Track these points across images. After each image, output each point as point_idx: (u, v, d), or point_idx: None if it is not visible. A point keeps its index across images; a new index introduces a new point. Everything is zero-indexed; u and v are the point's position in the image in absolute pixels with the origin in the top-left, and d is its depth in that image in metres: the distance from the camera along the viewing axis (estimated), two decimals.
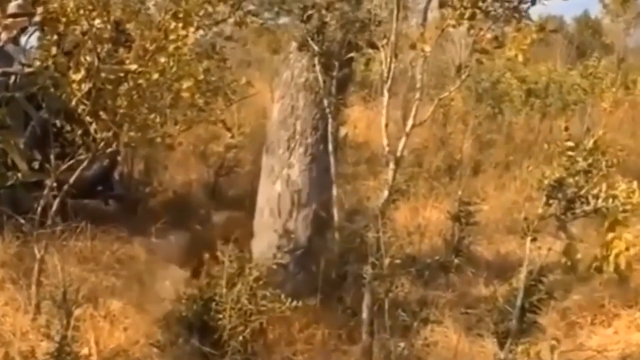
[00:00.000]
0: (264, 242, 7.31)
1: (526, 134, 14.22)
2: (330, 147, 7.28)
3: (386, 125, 6.41)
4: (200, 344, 5.99)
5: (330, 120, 7.24)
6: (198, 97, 6.46)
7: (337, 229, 7.24)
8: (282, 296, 6.11)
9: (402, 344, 6.11)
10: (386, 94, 6.51)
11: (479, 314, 7.01)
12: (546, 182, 5.61)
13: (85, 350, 5.69)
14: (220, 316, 6.02)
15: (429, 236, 8.94)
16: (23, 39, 8.78)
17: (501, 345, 5.68)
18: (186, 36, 6.19)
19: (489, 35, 6.21)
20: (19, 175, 5.24)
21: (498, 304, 5.82)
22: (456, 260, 7.96)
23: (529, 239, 5.66)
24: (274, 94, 8.37)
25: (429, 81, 10.69)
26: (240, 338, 5.96)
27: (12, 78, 8.12)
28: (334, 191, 7.28)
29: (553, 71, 15.66)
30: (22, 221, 6.70)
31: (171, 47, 6.22)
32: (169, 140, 6.54)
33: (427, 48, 6.25)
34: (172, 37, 6.16)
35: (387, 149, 6.41)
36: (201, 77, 6.51)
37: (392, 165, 6.40)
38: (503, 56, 7.83)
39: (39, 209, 6.48)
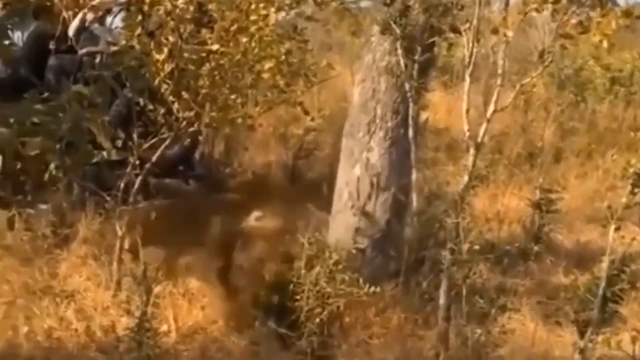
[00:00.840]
0: (342, 226, 7.30)
1: (610, 122, 13.99)
2: (410, 132, 7.23)
3: (467, 111, 6.36)
4: (276, 325, 6.03)
5: (411, 105, 7.20)
6: (279, 79, 6.49)
7: (415, 213, 7.20)
8: (360, 280, 6.11)
9: (478, 331, 6.06)
10: (467, 79, 6.46)
11: (557, 302, 6.94)
12: (631, 170, 5.52)
13: (164, 327, 5.76)
14: (298, 298, 6.05)
15: (507, 223, 8.87)
16: (108, 20, 8.92)
17: (581, 335, 5.61)
18: (267, 16, 6.22)
19: (573, 21, 6.12)
20: (104, 153, 5.31)
21: (579, 293, 5.74)
22: (535, 248, 7.87)
23: (612, 227, 5.58)
24: (354, 77, 8.35)
25: (511, 67, 10.55)
26: (317, 320, 5.99)
27: (98, 57, 8.28)
28: (414, 175, 7.24)
29: (638, 59, 15.37)
30: (106, 198, 6.80)
31: (252, 28, 6.25)
32: (249, 121, 6.59)
33: (510, 33, 6.17)
34: (253, 17, 6.19)
35: (467, 134, 6.36)
36: (282, 58, 6.54)
37: (472, 151, 6.35)
38: (587, 42, 7.70)
39: (122, 186, 6.58)
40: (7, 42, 4.79)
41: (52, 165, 4.99)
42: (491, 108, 6.32)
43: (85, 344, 5.64)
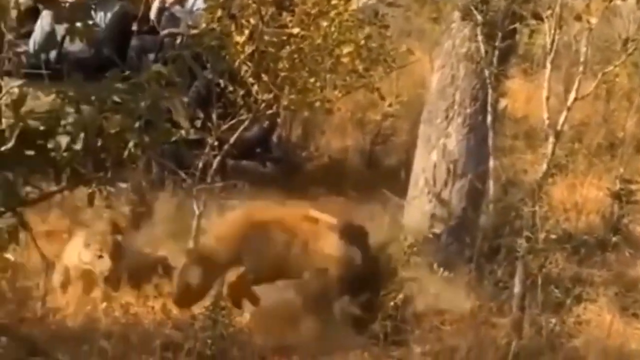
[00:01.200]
0: (417, 212, 7.30)
1: None
2: (488, 119, 7.19)
3: (547, 98, 6.30)
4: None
5: (490, 91, 7.15)
6: (358, 63, 6.49)
7: (492, 201, 7.16)
8: (434, 265, 6.10)
9: (553, 321, 6.01)
10: (549, 66, 6.40)
11: (635, 295, 6.85)
12: None
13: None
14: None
15: (586, 213, 8.75)
16: (190, 1, 8.99)
17: None
18: (348, 1, 6.23)
19: None
20: (182, 132, 5.37)
21: None
22: (614, 239, 7.77)
23: None
24: (433, 64, 8.32)
25: (593, 55, 10.39)
26: (392, 304, 6.00)
27: (179, 39, 8.37)
28: (491, 163, 7.20)
29: None
30: (184, 176, 6.88)
31: (333, 12, 6.26)
32: (328, 105, 6.60)
33: (593, 20, 6.10)
34: (334, 1, 6.21)
35: (547, 122, 6.30)
36: (362, 43, 6.54)
37: (551, 139, 6.29)
38: None
39: (200, 166, 6.65)
40: (90, 23, 4.88)
41: (131, 143, 5.07)
42: (572, 96, 6.25)
43: (162, 321, 5.71)
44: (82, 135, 4.90)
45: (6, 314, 5.33)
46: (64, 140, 4.89)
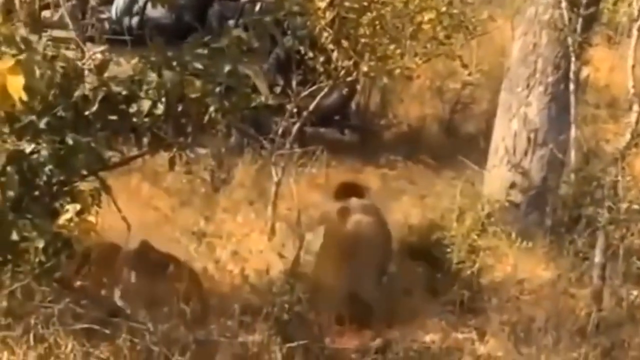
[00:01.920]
0: (497, 180, 7.23)
1: None
2: (570, 87, 7.08)
3: (632, 67, 6.19)
4: (427, 275, 6.04)
5: (572, 60, 7.04)
6: (439, 30, 6.45)
7: (573, 170, 7.07)
8: (513, 234, 6.05)
9: (634, 292, 5.93)
10: (635, 34, 6.28)
11: None
12: None
13: None
14: (449, 250, 6.04)
15: None
16: None
17: None
18: None
19: None
20: (262, 98, 5.39)
21: None
22: None
23: None
24: (514, 32, 8.21)
25: None
26: (468, 273, 5.98)
27: (259, 5, 8.38)
28: (572, 132, 7.10)
29: None
30: (263, 143, 6.91)
31: None
32: (407, 72, 6.57)
33: None
34: None
35: (632, 91, 6.18)
36: (443, 9, 6.49)
37: (636, 108, 6.17)
38: None
39: (279, 132, 6.67)
40: None
41: (211, 108, 5.11)
42: None
43: (240, 285, 5.75)
44: (163, 100, 4.96)
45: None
46: (145, 105, 4.95)
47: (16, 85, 3.72)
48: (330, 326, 5.30)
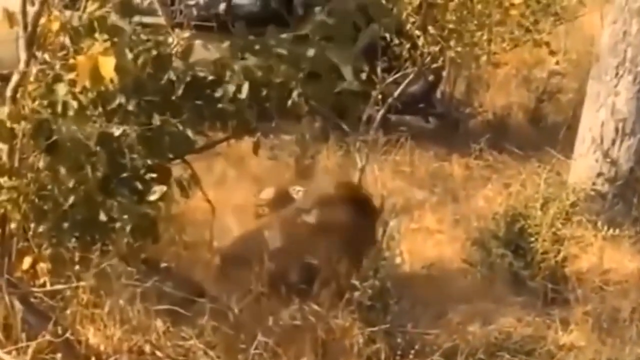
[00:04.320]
0: (583, 170, 7.16)
1: None
2: None
3: None
4: (511, 264, 6.00)
5: None
6: (527, 15, 6.39)
7: None
8: (599, 224, 5.98)
9: None
10: None
11: None
12: None
13: (398, 259, 5.83)
14: (533, 239, 5.99)
15: None
16: None
17: None
18: None
19: None
20: (345, 84, 5.41)
21: None
22: None
23: None
24: (603, 20, 8.09)
25: None
26: (552, 263, 5.93)
27: None
28: None
29: None
30: (347, 129, 6.93)
31: None
32: (494, 59, 6.53)
33: None
34: None
35: None
36: None
37: None
38: None
39: (363, 119, 6.68)
40: None
41: (295, 93, 5.16)
42: None
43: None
44: (247, 84, 5.01)
45: (174, 258, 5.50)
46: (230, 89, 5.01)
47: (108, 66, 3.79)
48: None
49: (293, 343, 4.87)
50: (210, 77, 5.08)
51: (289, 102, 5.16)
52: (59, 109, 4.13)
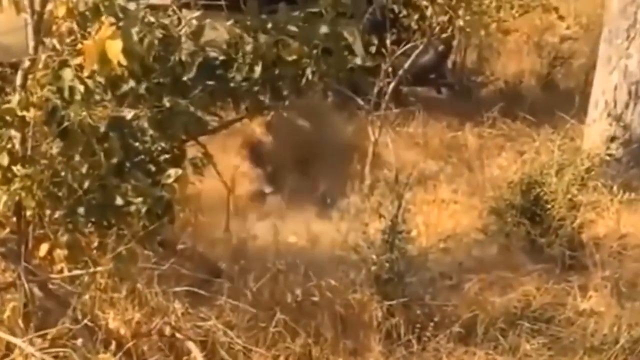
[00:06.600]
0: (597, 135, 7.14)
1: None
2: None
3: None
4: (528, 232, 5.98)
5: None
6: None
7: None
8: (614, 188, 5.96)
9: None
10: None
11: None
12: None
13: (414, 232, 5.83)
14: (549, 206, 5.98)
15: None
16: None
17: None
18: None
19: None
20: (357, 59, 5.39)
21: None
22: None
23: None
24: None
25: None
26: (569, 229, 5.91)
27: None
28: None
29: None
30: (361, 103, 6.91)
31: None
32: (503, 27, 6.49)
33: None
34: None
35: None
36: None
37: None
38: None
39: (375, 92, 6.67)
40: None
41: (308, 71, 5.14)
42: None
43: (340, 245, 5.77)
44: (259, 63, 5.00)
45: (191, 239, 5.52)
46: (243, 69, 5.00)
47: (115, 49, 3.78)
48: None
49: (312, 319, 4.88)
50: (222, 57, 5.07)
51: (303, 80, 5.15)
52: (66, 94, 4.13)
